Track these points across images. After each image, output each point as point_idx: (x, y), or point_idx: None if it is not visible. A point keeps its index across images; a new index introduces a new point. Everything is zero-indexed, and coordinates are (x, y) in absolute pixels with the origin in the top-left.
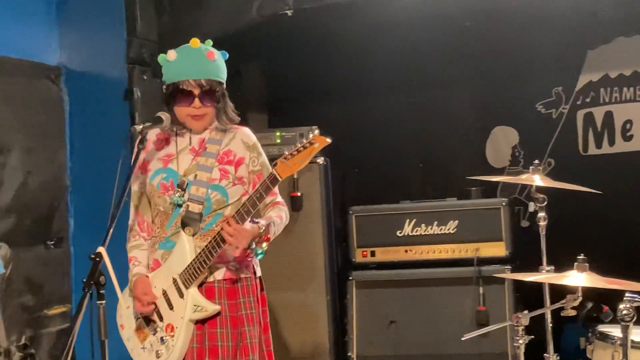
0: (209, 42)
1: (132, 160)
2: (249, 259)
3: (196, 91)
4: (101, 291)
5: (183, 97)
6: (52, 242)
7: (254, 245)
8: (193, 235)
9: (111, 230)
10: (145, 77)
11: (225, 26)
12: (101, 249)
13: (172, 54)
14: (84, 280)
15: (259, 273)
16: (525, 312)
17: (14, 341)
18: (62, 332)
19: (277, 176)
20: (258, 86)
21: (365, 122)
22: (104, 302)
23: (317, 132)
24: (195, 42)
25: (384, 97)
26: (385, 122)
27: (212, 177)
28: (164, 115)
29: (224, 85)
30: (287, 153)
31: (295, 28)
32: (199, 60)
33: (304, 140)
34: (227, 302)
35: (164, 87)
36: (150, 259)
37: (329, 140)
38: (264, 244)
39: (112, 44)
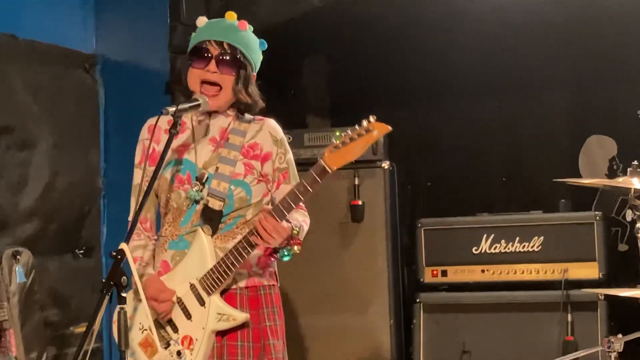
0: (250, 27)
1: (164, 147)
2: (272, 260)
3: (215, 51)
4: (122, 294)
5: (198, 58)
6: (81, 252)
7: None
8: (212, 235)
9: (136, 225)
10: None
11: (280, 13)
12: (124, 246)
13: (202, 20)
14: (103, 280)
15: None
16: (619, 335)
17: (33, 359)
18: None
19: (327, 168)
20: (318, 84)
21: (441, 126)
22: (125, 306)
23: (373, 118)
24: (231, 14)
25: (464, 99)
26: (464, 127)
27: (235, 172)
28: (202, 99)
29: (251, 67)
30: (337, 141)
31: (359, 17)
32: (226, 25)
33: (358, 127)
34: (249, 311)
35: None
36: (157, 261)
37: (390, 127)
38: (296, 247)
39: (153, 30)
